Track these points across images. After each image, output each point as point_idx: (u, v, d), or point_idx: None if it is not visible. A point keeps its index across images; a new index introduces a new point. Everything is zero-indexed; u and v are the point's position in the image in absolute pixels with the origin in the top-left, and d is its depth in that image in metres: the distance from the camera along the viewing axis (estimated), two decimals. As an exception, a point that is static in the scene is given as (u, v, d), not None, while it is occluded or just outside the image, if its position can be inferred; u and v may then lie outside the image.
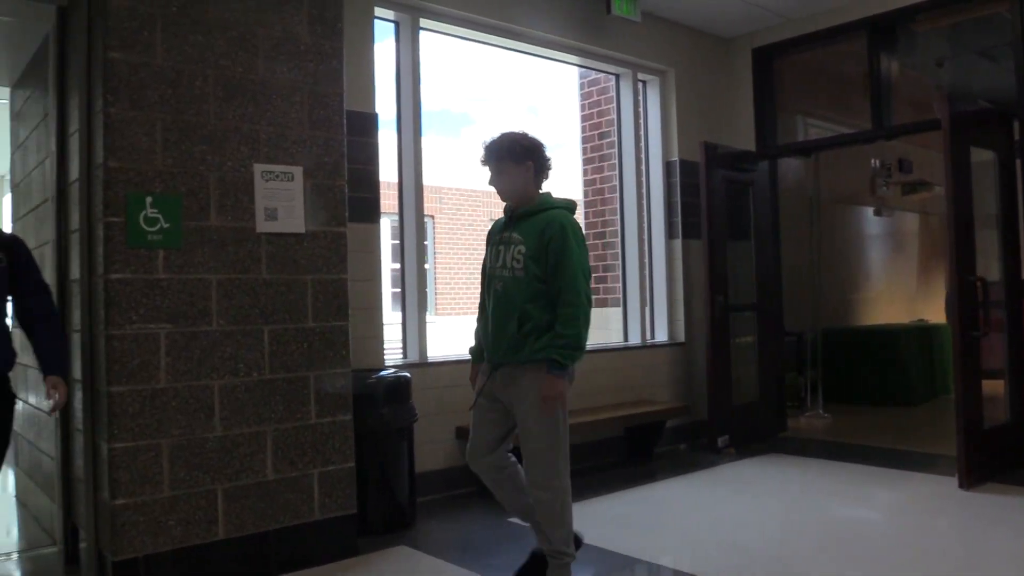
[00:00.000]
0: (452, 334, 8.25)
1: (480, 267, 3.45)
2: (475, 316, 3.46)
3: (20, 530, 4.69)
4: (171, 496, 3.37)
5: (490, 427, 3.31)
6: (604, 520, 4.36)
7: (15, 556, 4.08)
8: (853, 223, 9.81)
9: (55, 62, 3.91)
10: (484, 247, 3.44)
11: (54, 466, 3.97)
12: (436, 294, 15.40)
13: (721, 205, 6.22)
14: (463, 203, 15.82)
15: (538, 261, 3.10)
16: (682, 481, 5.26)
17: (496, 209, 17.35)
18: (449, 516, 4.50)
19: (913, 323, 9.51)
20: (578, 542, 3.36)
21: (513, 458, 3.38)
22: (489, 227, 3.48)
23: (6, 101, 5.63)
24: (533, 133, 3.29)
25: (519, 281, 3.13)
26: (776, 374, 6.71)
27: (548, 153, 3.27)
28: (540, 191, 3.29)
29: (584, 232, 3.37)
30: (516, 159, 3.19)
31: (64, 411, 3.85)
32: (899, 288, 10.52)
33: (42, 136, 4.29)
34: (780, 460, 5.79)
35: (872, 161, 9.34)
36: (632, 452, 5.85)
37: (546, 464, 3.15)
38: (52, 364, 3.21)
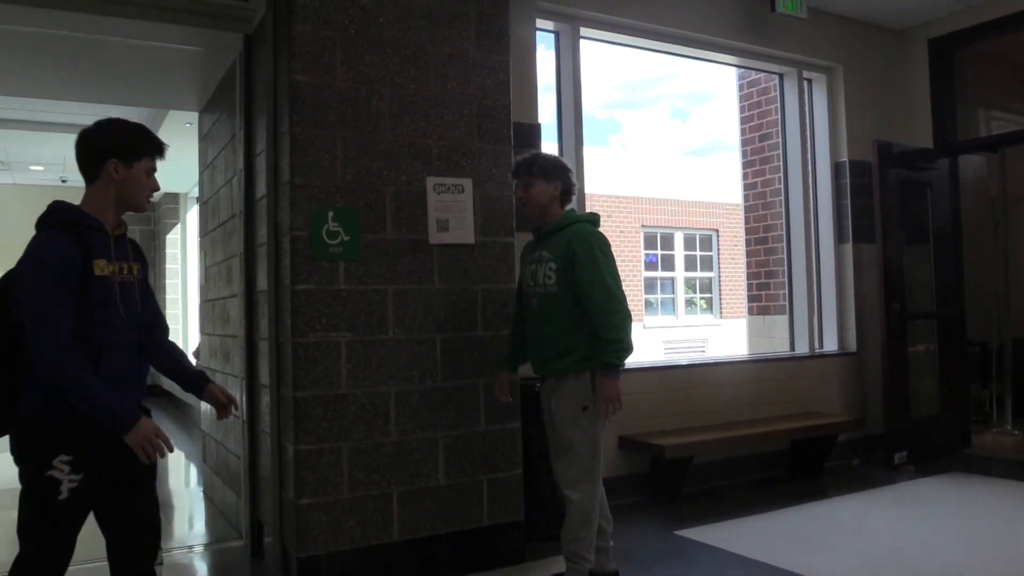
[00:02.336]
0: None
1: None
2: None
3: (207, 524, 5.02)
4: (350, 497, 3.52)
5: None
6: (774, 536, 4.19)
7: (205, 549, 4.37)
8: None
9: (242, 86, 4.19)
10: (629, 254, 3.53)
11: (240, 465, 4.23)
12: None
13: (896, 207, 5.86)
14: (613, 210, 15.75)
15: (568, 274, 3.22)
16: (856, 499, 4.99)
17: (645, 215, 17.21)
18: (614, 525, 4.45)
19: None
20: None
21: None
22: (523, 248, 3.63)
23: (194, 124, 6.09)
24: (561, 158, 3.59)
25: (553, 296, 3.28)
26: (959, 386, 6.25)
27: (574, 179, 3.46)
28: (564, 210, 3.43)
29: (735, 236, 3.30)
30: (547, 177, 3.35)
31: (250, 413, 4.11)
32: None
33: (229, 156, 4.60)
34: (963, 479, 5.38)
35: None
36: (799, 466, 5.60)
37: (581, 467, 3.24)
38: (200, 374, 2.83)
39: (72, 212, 2.41)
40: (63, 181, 10.62)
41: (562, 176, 3.39)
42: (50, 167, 9.64)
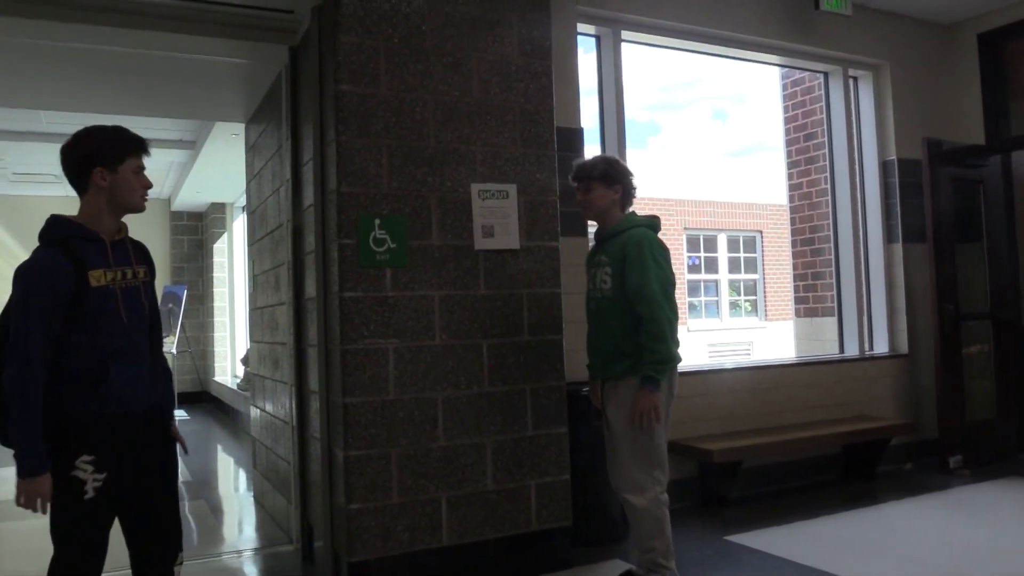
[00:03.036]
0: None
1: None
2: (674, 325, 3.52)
3: (258, 529, 5.09)
4: (399, 502, 3.54)
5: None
6: (826, 541, 4.13)
7: (255, 553, 4.43)
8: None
9: (288, 97, 4.25)
10: (672, 257, 3.57)
11: (290, 470, 4.29)
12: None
13: (947, 205, 5.74)
14: (655, 213, 15.62)
15: (622, 279, 3.22)
16: (910, 504, 4.88)
17: (688, 217, 17.07)
18: (661, 532, 4.43)
19: None
20: None
21: None
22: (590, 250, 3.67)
23: (241, 135, 6.19)
24: (623, 161, 3.54)
25: (609, 301, 3.29)
26: (1015, 389, 6.08)
27: (635, 182, 3.44)
28: (624, 214, 3.42)
29: (792, 236, 3.27)
30: (608, 181, 3.36)
31: (300, 419, 4.16)
32: None
33: (276, 166, 4.67)
34: (1021, 484, 5.23)
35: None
36: (851, 470, 5.51)
37: (640, 471, 3.21)
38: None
39: (64, 226, 2.43)
40: (114, 193, 10.87)
41: (623, 180, 3.39)
42: (101, 180, 9.85)
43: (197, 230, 12.10)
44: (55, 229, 2.42)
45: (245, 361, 8.55)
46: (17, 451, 2.31)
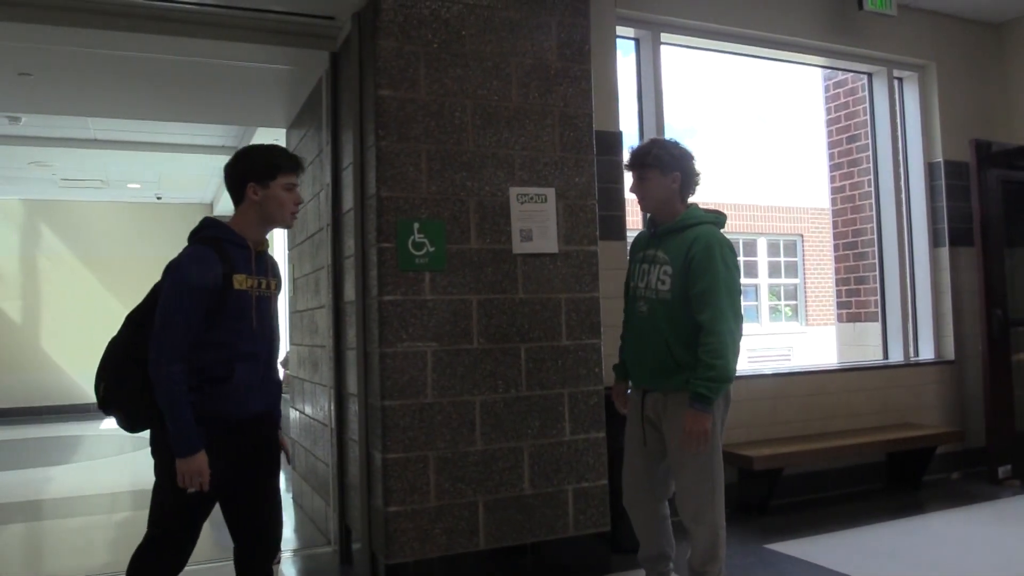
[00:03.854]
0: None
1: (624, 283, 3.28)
2: None
3: (296, 530, 5.13)
4: (437, 506, 3.55)
5: (646, 459, 3.13)
6: (869, 551, 4.05)
7: (294, 554, 4.47)
8: None
9: (329, 103, 4.29)
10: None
11: (329, 472, 4.32)
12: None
13: (997, 208, 5.61)
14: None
15: (685, 281, 2.90)
16: (957, 514, 4.77)
17: (728, 221, 16.88)
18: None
19: None
20: None
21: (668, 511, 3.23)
22: (633, 240, 3.31)
23: (281, 140, 6.26)
24: (685, 144, 3.09)
25: (666, 304, 2.95)
26: (1067, 397, 5.92)
27: (698, 167, 3.05)
28: (687, 205, 3.08)
29: (834, 240, 3.16)
30: (664, 168, 2.99)
31: (338, 422, 4.19)
32: None
33: (316, 170, 4.71)
34: (1075, 495, 5.11)
35: None
36: (895, 479, 5.40)
37: (701, 497, 2.95)
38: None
39: (218, 228, 2.59)
40: (158, 198, 11.08)
41: (681, 165, 3.01)
42: (146, 185, 10.06)
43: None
44: (209, 230, 2.58)
45: (285, 364, 8.64)
46: (172, 433, 2.42)
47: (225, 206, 11.18)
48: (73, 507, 5.89)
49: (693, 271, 2.88)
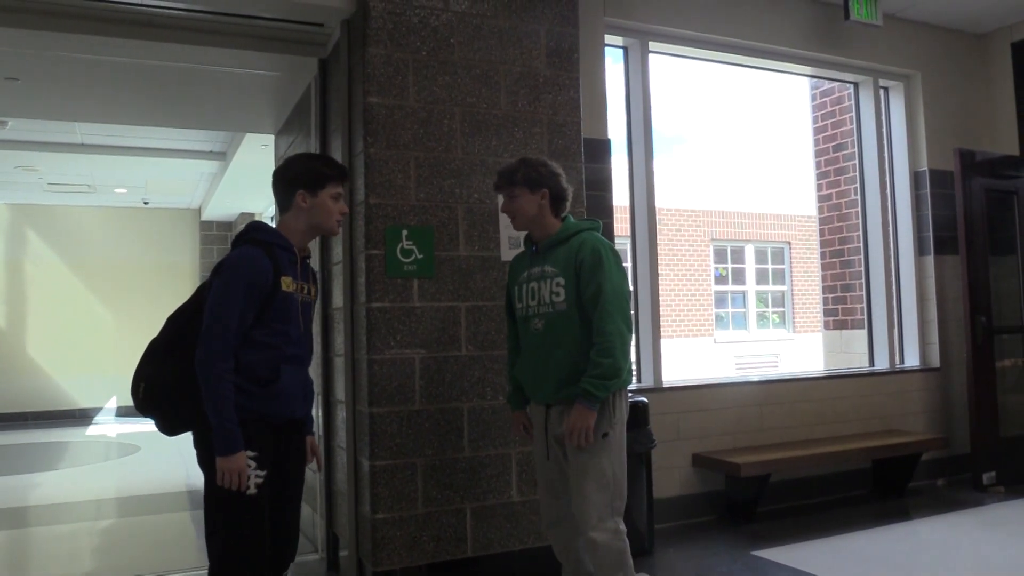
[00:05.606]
0: (678, 357, 8.09)
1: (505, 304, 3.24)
2: (697, 338, 3.30)
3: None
4: (425, 513, 3.55)
5: (561, 476, 3.04)
6: (855, 558, 4.07)
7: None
8: None
9: (317, 109, 4.29)
10: (699, 268, 3.26)
11: (316, 479, 4.30)
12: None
13: (980, 217, 5.66)
14: (683, 223, 15.60)
15: (577, 289, 2.90)
16: (942, 521, 4.80)
17: (715, 228, 17.00)
18: (688, 544, 4.39)
19: None
20: None
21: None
22: (511, 263, 3.27)
23: (270, 146, 6.26)
24: (551, 160, 3.12)
25: (564, 315, 2.92)
26: (1051, 404, 5.97)
27: (565, 184, 3.04)
28: (561, 219, 3.07)
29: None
30: (532, 186, 2.99)
31: (326, 429, 4.18)
32: None
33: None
34: (1059, 502, 5.14)
35: None
36: (881, 486, 5.43)
37: (600, 504, 2.86)
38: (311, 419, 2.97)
39: (267, 232, 2.63)
40: (145, 203, 11.05)
41: (549, 183, 3.01)
42: (133, 190, 10.03)
43: (227, 239, 12.22)
44: (259, 232, 2.62)
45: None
46: (215, 431, 2.41)
47: (212, 212, 11.16)
48: (58, 514, 5.85)
49: (583, 276, 2.89)
